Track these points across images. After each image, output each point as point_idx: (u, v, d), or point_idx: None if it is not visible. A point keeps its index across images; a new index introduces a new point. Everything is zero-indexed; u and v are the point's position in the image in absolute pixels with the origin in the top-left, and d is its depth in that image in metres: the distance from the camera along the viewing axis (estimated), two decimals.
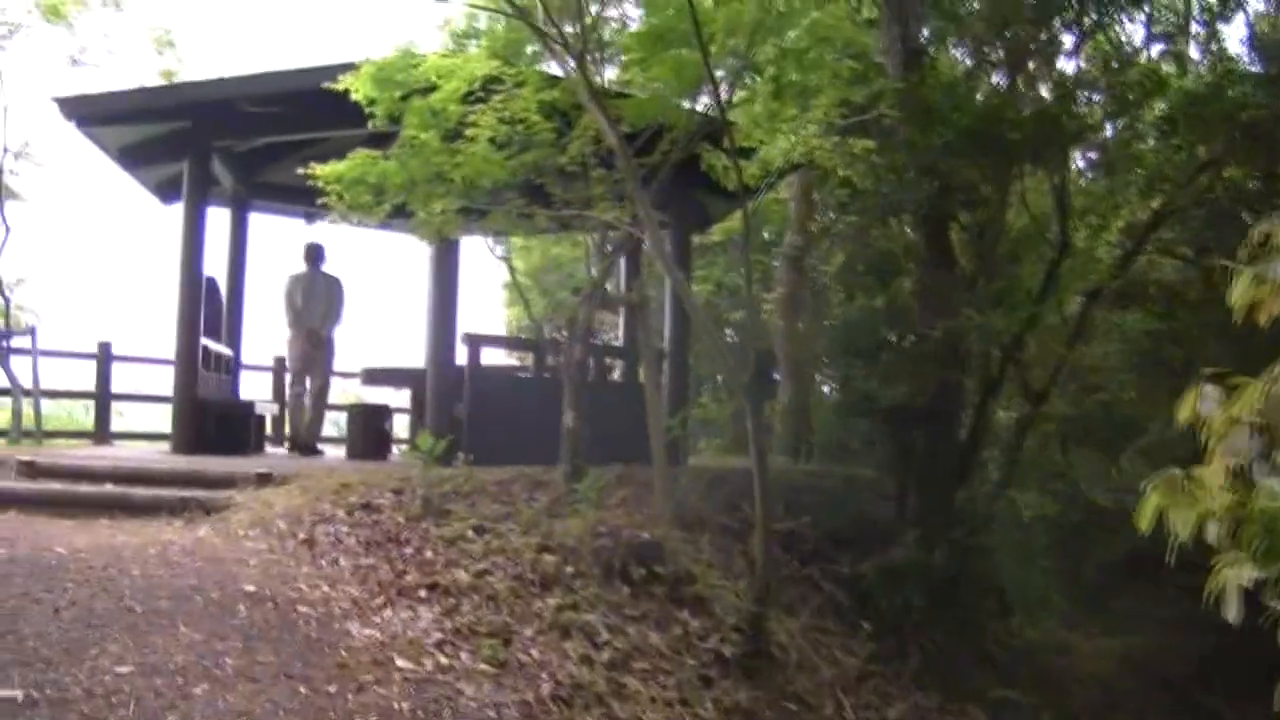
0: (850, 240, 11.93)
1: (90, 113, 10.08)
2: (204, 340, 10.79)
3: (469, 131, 6.93)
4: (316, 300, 11.24)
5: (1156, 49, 11.03)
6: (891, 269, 9.75)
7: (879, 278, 9.82)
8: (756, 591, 5.76)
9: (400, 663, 4.51)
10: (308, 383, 11.37)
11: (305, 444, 11.28)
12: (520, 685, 4.42)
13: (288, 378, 12.26)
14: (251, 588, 5.29)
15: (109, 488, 7.75)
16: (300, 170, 7.69)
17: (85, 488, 7.72)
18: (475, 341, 9.87)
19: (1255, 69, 10.53)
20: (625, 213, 7.17)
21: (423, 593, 5.36)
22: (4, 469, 8.42)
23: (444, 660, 4.55)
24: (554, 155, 7.27)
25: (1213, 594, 2.58)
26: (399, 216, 7.83)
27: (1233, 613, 2.49)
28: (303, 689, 4.18)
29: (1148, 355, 12.16)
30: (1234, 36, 34.60)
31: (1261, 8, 12.45)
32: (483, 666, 4.56)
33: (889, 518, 8.90)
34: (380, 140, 10.87)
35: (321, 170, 7.30)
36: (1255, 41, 11.78)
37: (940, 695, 7.23)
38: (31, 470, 8.26)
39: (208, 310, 11.42)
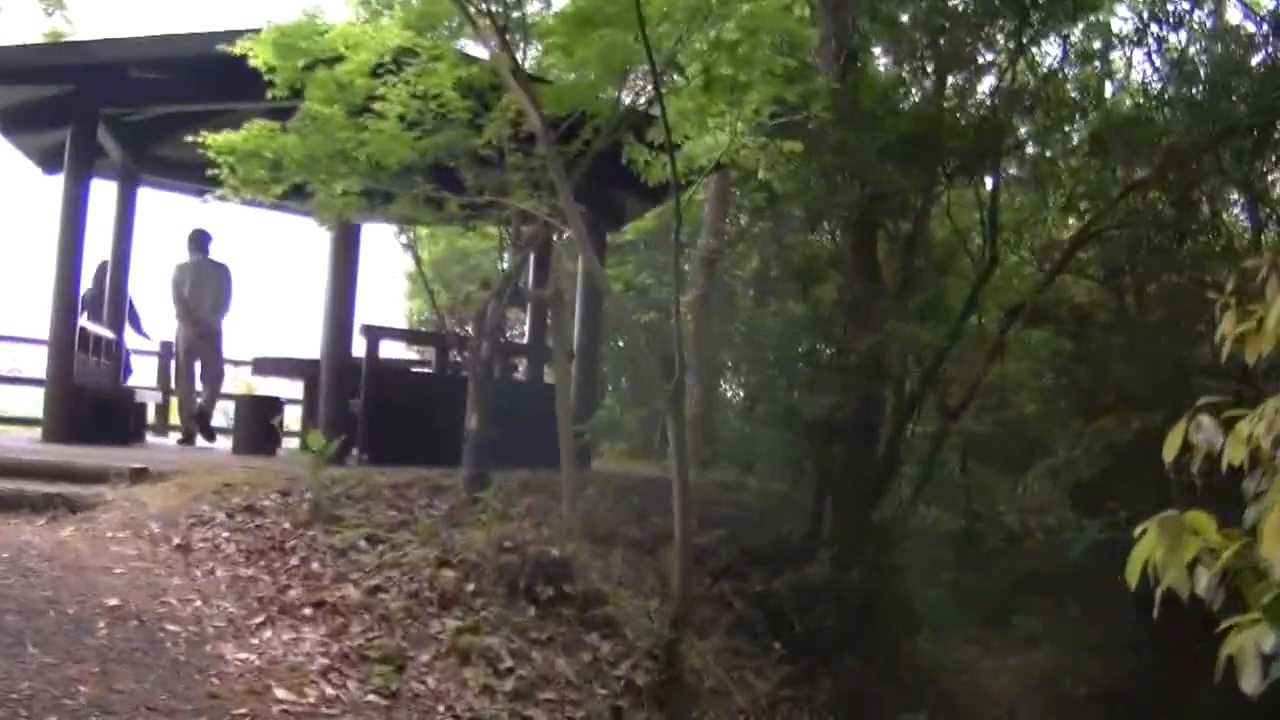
0: (769, 245, 11.67)
1: None
2: (85, 323, 10.08)
3: (377, 105, 6.42)
4: (204, 289, 10.87)
5: (1089, 67, 10.95)
6: (814, 276, 9.48)
7: (801, 284, 9.54)
8: (673, 615, 5.38)
9: (279, 693, 4.01)
10: (197, 372, 11.00)
11: (200, 431, 10.91)
12: None
13: (172, 365, 11.84)
14: (114, 601, 4.74)
15: None
16: (191, 139, 7.08)
17: None
18: (374, 333, 9.33)
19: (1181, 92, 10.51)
20: (543, 203, 6.72)
21: (307, 610, 4.86)
22: None
23: (329, 690, 4.07)
24: (469, 138, 6.79)
25: (1222, 659, 2.25)
26: (297, 196, 7.27)
27: (1252, 682, 2.17)
28: None
29: (1057, 375, 12.15)
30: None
31: None
32: (372, 698, 4.09)
33: (802, 534, 8.61)
34: (283, 115, 10.26)
35: (213, 140, 6.72)
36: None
37: None
38: None
39: (93, 292, 10.69)
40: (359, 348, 9.31)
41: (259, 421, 9.87)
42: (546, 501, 7.04)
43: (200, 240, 11.04)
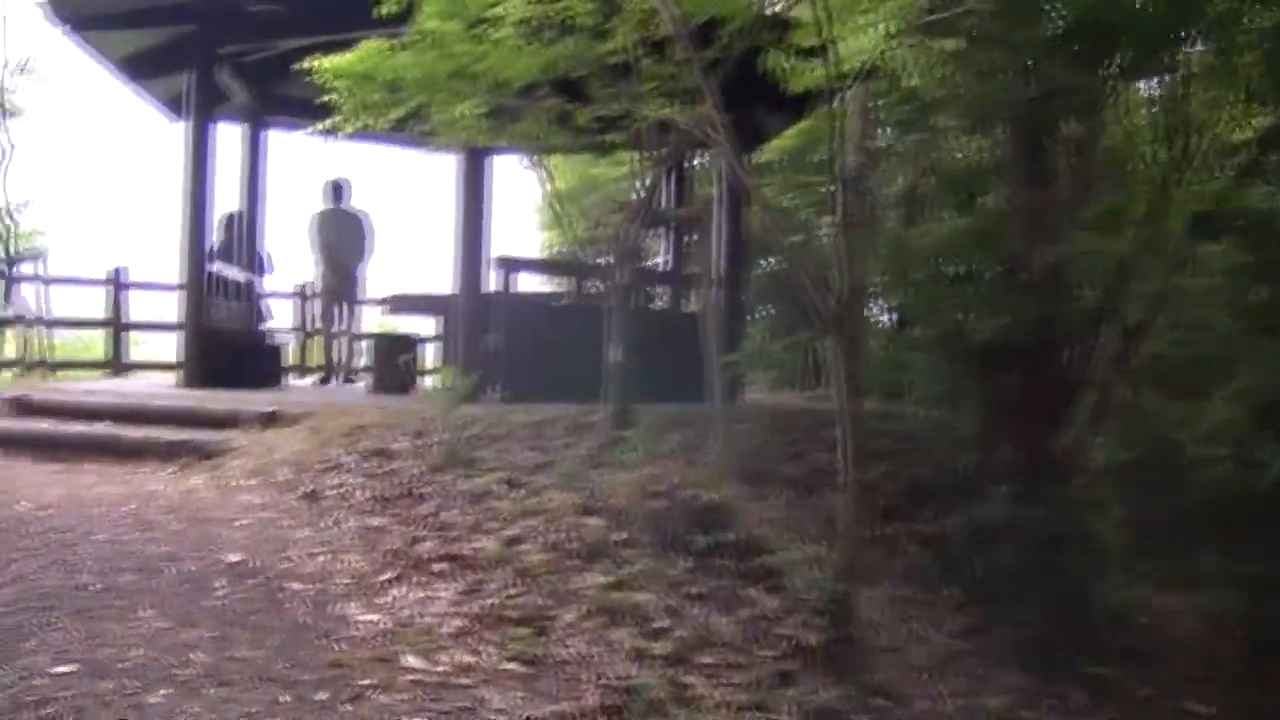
0: (919, 158, 10.77)
1: (79, 15, 9.11)
2: (219, 266, 9.92)
3: (497, 9, 5.86)
4: (343, 238, 11.06)
5: None
6: (977, 186, 8.62)
7: (961, 196, 8.70)
8: (842, 564, 4.80)
9: (409, 659, 3.58)
10: (336, 316, 11.26)
11: (345, 377, 11.25)
12: (558, 691, 3.48)
13: (316, 308, 12.04)
14: (236, 557, 4.40)
15: (101, 427, 6.92)
16: (308, 67, 6.65)
17: (75, 427, 6.90)
18: (509, 265, 8.90)
19: None
20: (682, 113, 6.09)
21: (441, 565, 4.43)
22: None
23: (464, 658, 3.62)
24: (595, 46, 6.19)
25: None
26: (415, 121, 6.79)
27: None
28: (285, 696, 3.27)
29: (1238, 290, 11.03)
30: None
31: None
32: (511, 665, 3.63)
33: (972, 467, 7.87)
34: None
35: (326, 64, 6.27)
36: None
37: (1038, 675, 6.27)
38: (22, 407, 7.47)
39: (224, 242, 10.53)
40: (493, 282, 8.92)
41: (394, 361, 9.58)
42: (694, 439, 6.50)
43: (337, 190, 11.09)
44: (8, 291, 11.62)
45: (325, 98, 7.11)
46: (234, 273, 10.84)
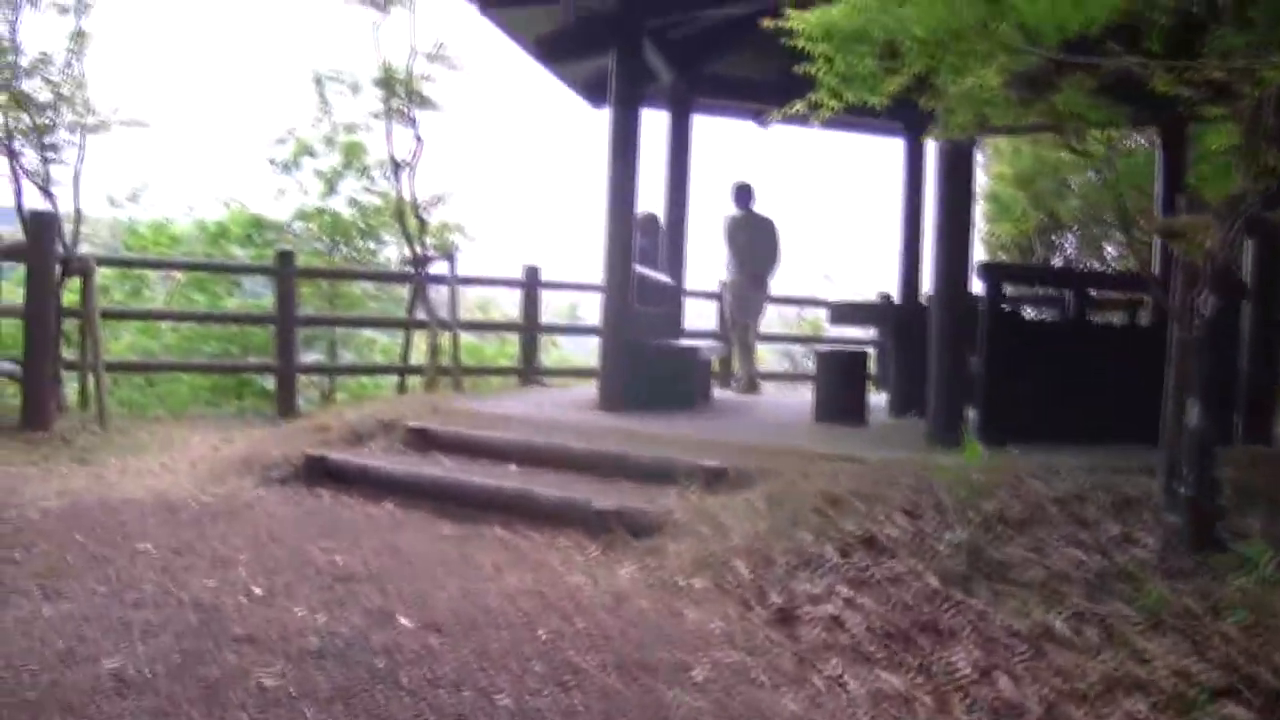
0: None
1: None
2: (640, 269, 8.76)
3: None
4: (758, 242, 10.86)
5: None
6: None
7: None
8: None
9: None
10: (747, 323, 11.04)
11: (747, 387, 11.03)
12: None
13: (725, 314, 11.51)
14: None
15: (510, 478, 5.79)
16: (767, 28, 5.08)
17: (480, 475, 5.76)
18: (996, 273, 7.04)
19: None
20: None
21: None
22: (390, 436, 6.73)
23: None
24: None
25: None
26: (918, 93, 5.03)
27: None
28: None
29: None
30: None
31: None
32: None
33: None
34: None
35: (806, 19, 4.67)
36: None
37: None
38: (425, 440, 6.51)
39: (644, 245, 9.38)
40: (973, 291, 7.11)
41: (847, 382, 8.00)
42: None
43: (745, 194, 10.88)
44: (418, 293, 11.10)
45: (757, 76, 5.77)
46: (658, 276, 9.68)
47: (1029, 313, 9.57)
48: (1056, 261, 13.90)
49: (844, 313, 9.62)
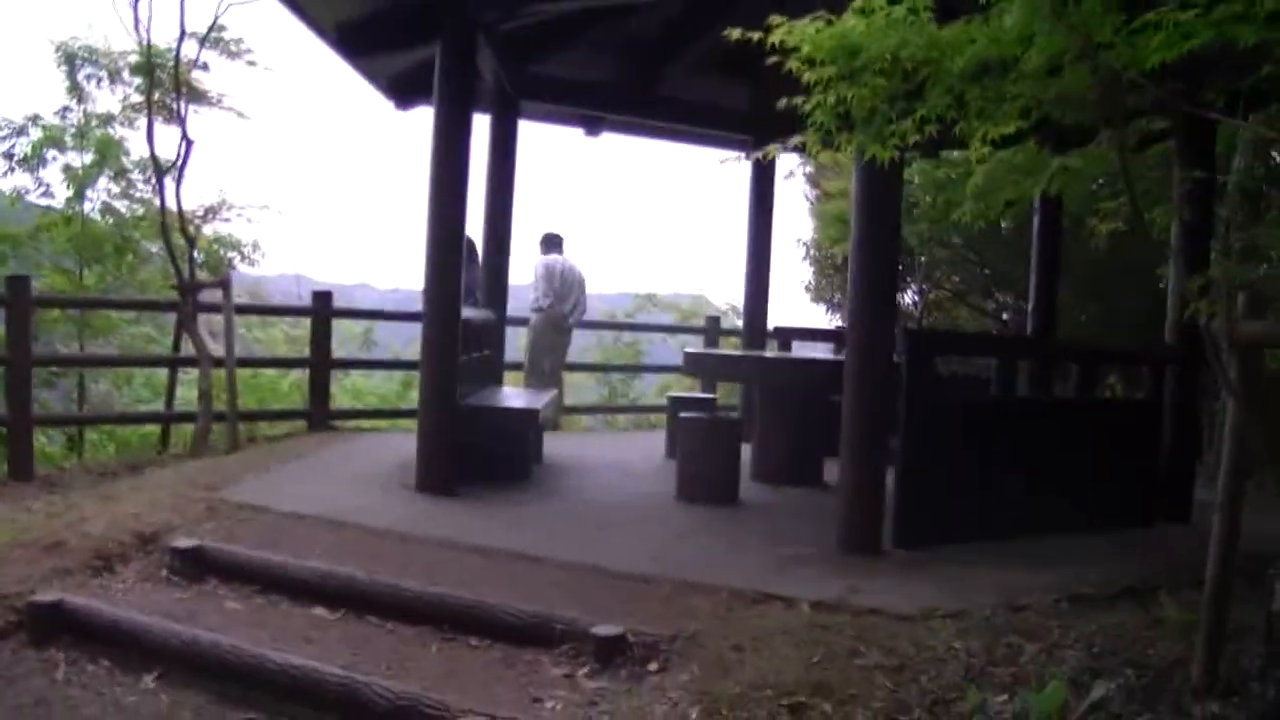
0: None
1: None
2: (465, 311, 7.25)
3: None
4: (569, 288, 10.28)
5: None
6: None
7: None
8: None
9: None
10: (546, 370, 10.36)
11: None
12: None
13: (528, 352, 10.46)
14: None
15: (328, 647, 4.17)
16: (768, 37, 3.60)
17: (281, 651, 4.05)
18: (923, 344, 5.85)
19: None
20: None
21: None
22: (152, 557, 5.01)
23: None
24: None
25: None
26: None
27: None
28: None
29: None
30: None
31: None
32: None
33: None
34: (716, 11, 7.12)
35: (810, 36, 3.23)
36: None
37: None
38: (196, 566, 4.82)
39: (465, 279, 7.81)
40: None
41: (716, 456, 6.73)
42: None
43: (553, 242, 10.43)
44: (185, 323, 9.22)
45: (591, 79, 4.36)
46: (479, 314, 8.14)
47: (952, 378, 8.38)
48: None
49: (704, 365, 8.34)
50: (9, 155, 11.25)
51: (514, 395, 8.16)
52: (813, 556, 5.31)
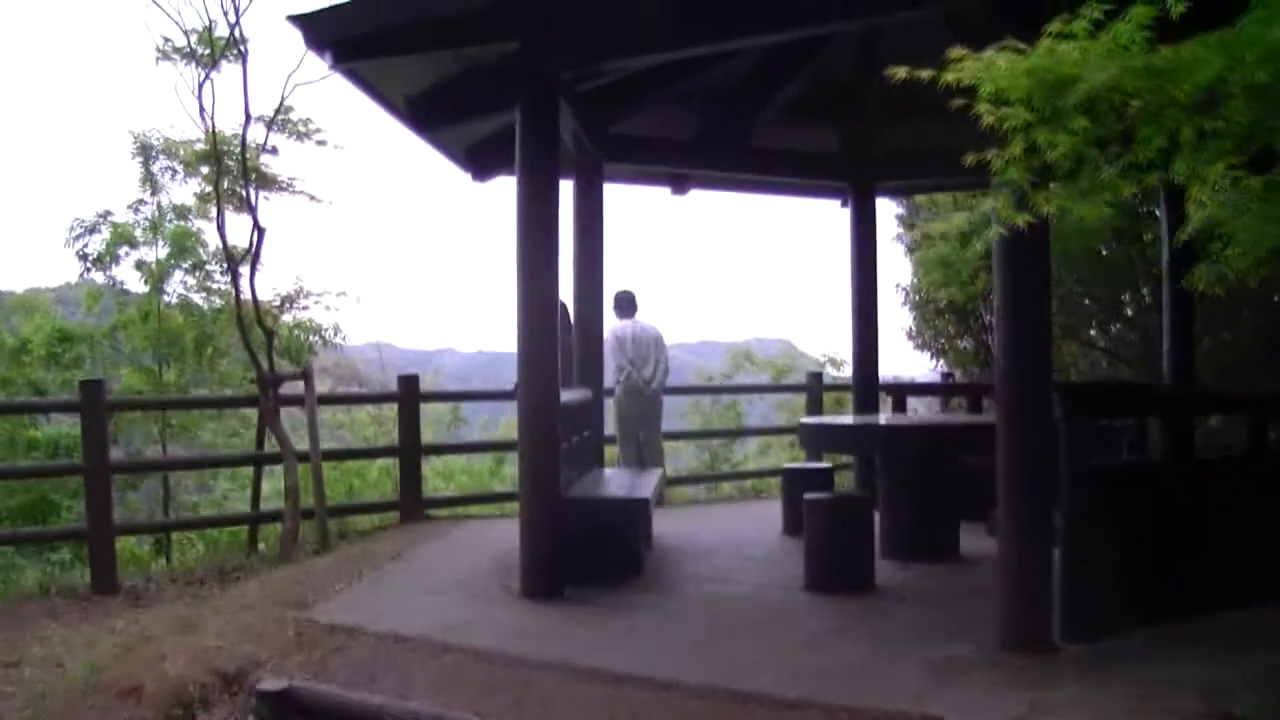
0: None
1: (348, 36, 6.05)
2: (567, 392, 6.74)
3: None
4: (643, 350, 9.82)
5: None
6: None
7: None
8: None
9: None
10: (640, 440, 9.88)
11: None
12: None
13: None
14: None
15: None
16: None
17: None
18: (1077, 400, 5.15)
19: None
20: None
21: None
22: (235, 703, 4.49)
23: None
24: None
25: None
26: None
27: None
28: None
29: None
30: None
31: None
32: None
33: None
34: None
35: (980, 65, 2.66)
36: None
37: None
38: (284, 709, 4.27)
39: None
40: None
41: (846, 539, 6.07)
42: None
43: (627, 302, 9.98)
44: (266, 420, 8.83)
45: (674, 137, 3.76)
46: (577, 394, 7.59)
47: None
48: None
49: (821, 438, 7.68)
50: (83, 256, 11.05)
51: (618, 479, 7.57)
52: (973, 659, 4.63)
